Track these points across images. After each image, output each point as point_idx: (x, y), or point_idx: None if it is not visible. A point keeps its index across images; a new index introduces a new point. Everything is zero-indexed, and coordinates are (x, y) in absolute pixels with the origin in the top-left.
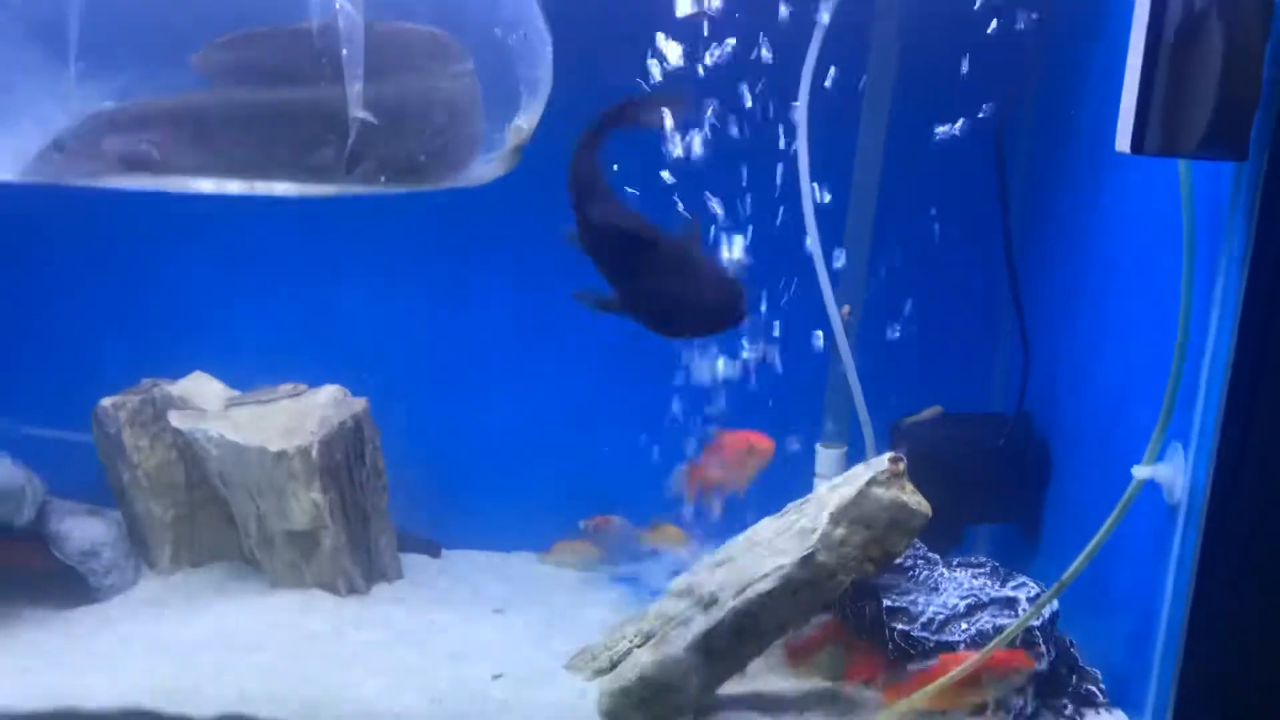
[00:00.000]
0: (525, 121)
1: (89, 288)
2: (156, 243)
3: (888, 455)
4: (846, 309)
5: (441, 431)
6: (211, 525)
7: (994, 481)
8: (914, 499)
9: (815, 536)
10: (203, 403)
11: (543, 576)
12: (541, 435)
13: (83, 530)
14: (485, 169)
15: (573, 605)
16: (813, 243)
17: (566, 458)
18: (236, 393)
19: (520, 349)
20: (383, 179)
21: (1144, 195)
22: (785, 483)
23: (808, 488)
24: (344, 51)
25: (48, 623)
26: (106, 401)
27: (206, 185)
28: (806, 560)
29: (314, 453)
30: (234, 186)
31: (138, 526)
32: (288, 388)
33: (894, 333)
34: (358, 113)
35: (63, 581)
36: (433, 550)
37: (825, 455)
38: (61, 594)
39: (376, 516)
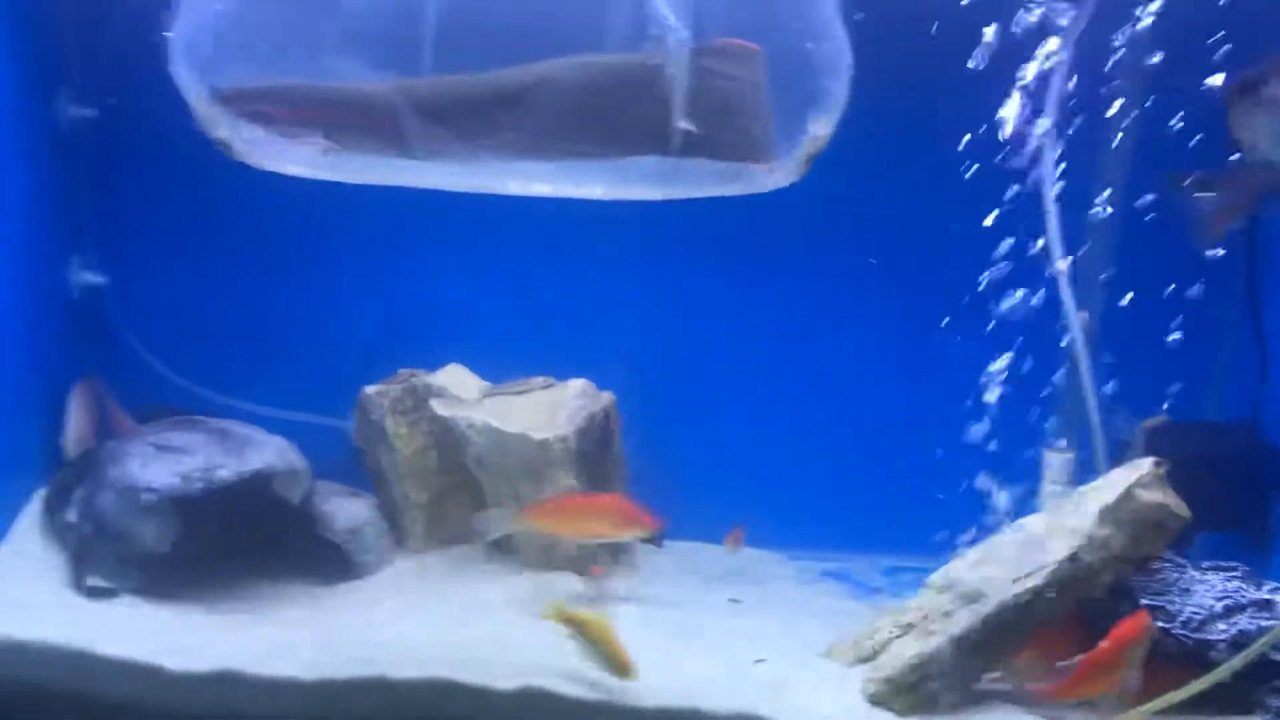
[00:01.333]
0: (821, 131)
1: (347, 281)
2: (416, 238)
3: (1150, 459)
4: (1084, 315)
5: (668, 424)
6: (459, 509)
7: (1225, 489)
8: (1174, 501)
9: (1081, 535)
10: (460, 392)
11: (761, 568)
12: (768, 430)
13: (347, 510)
14: (774, 176)
15: (799, 596)
16: (1053, 246)
17: (790, 455)
18: (489, 384)
19: (754, 345)
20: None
21: None
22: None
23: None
24: (669, 70)
25: (320, 597)
26: (371, 389)
27: (514, 186)
28: (1073, 558)
29: (571, 441)
30: (541, 188)
31: (392, 508)
32: (540, 380)
33: (1120, 339)
34: (681, 124)
35: (327, 558)
36: (655, 540)
37: (1055, 460)
38: (326, 570)
39: None
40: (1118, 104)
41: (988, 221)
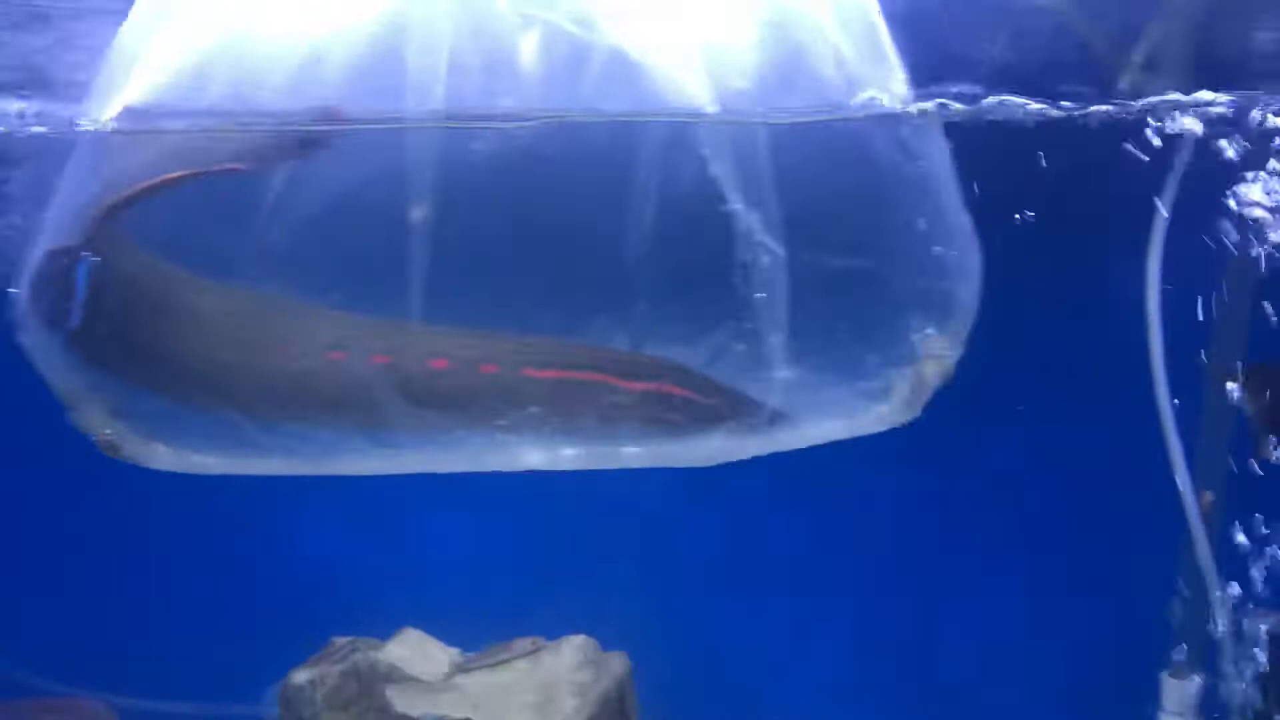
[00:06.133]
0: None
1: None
2: None
3: None
4: (1208, 497)
5: None
6: None
7: None
8: None
9: None
10: (423, 669)
11: None
12: None
13: None
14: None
15: None
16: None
17: None
18: (456, 652)
19: None
20: None
21: None
22: None
23: None
24: None
25: None
26: (301, 676)
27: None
28: None
29: None
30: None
31: None
32: (524, 644)
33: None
34: None
35: None
36: None
37: (1174, 688)
38: None
39: None
40: None
41: None
